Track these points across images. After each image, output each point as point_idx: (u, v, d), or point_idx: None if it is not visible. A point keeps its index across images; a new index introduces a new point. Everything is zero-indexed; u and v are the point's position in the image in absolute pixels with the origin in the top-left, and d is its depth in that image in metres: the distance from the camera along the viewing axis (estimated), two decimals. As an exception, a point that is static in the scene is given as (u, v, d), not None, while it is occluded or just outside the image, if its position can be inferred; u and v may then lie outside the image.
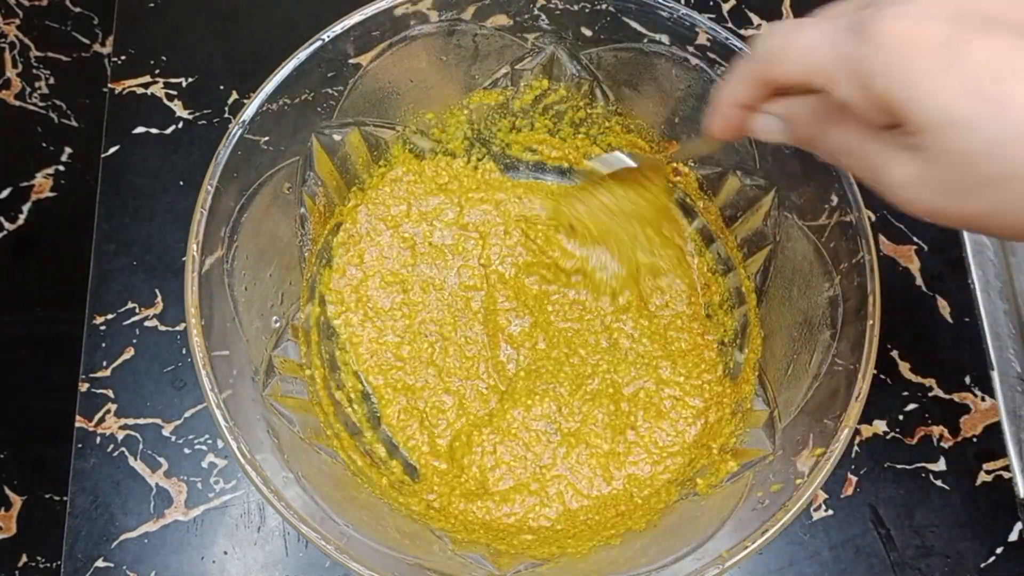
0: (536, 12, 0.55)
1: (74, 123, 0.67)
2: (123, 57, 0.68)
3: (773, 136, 0.38)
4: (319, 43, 0.51)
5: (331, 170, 0.58)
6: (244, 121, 0.49)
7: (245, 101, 0.50)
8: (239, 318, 0.50)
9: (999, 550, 0.58)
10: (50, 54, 0.69)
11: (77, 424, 0.58)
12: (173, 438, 0.58)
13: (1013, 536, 0.59)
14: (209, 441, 0.58)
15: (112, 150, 0.66)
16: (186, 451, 0.58)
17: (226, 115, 0.67)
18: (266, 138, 0.51)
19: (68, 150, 0.66)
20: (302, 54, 0.51)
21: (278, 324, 0.54)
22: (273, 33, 0.70)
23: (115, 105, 0.67)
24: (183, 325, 0.60)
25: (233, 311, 0.49)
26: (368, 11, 0.52)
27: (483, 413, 0.59)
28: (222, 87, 0.68)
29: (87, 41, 0.70)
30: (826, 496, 0.59)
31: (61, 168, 0.65)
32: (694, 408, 0.58)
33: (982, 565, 0.58)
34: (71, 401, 0.59)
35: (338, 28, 0.52)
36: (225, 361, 0.46)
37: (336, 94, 0.54)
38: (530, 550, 0.51)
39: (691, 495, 0.53)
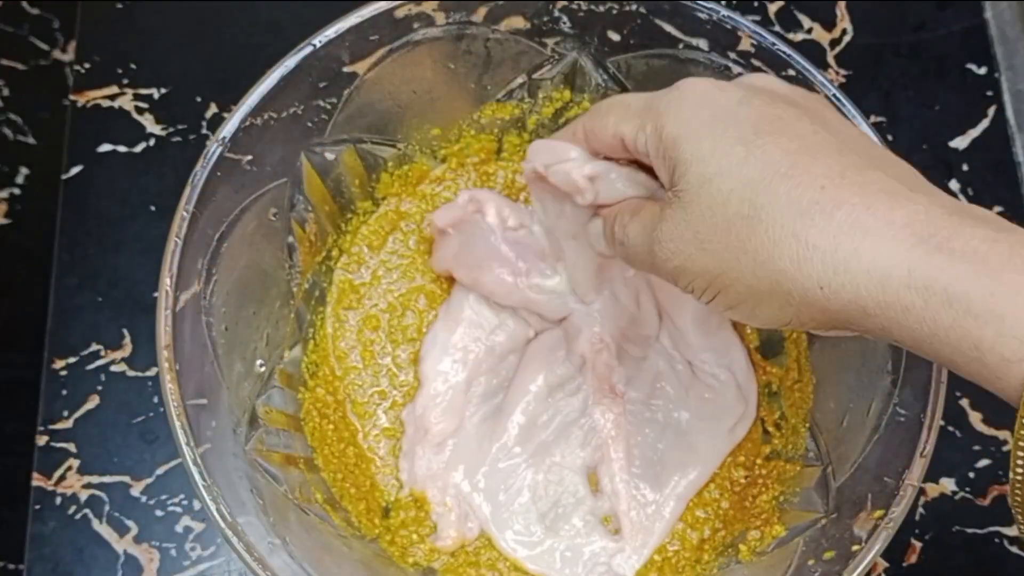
0: (557, 14, 0.54)
1: (31, 140, 0.67)
2: (87, 65, 0.68)
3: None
4: (309, 49, 0.51)
5: (323, 193, 0.56)
6: (224, 138, 0.48)
7: (225, 115, 0.53)
8: (218, 362, 0.49)
9: (1081, 623, 0.59)
10: (4, 62, 0.68)
11: (35, 483, 0.58)
12: (143, 499, 0.58)
13: (1097, 607, 0.59)
14: (184, 502, 0.58)
15: (74, 171, 0.65)
16: (158, 513, 0.58)
17: (204, 131, 0.67)
18: (249, 157, 0.50)
19: (24, 171, 0.66)
20: (290, 62, 0.50)
21: (263, 368, 0.53)
22: (257, 38, 0.69)
23: (78, 120, 0.67)
24: (154, 370, 0.60)
25: (212, 354, 0.48)
26: (365, 13, 0.51)
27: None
28: (199, 99, 0.68)
29: (46, 47, 0.69)
30: (887, 565, 0.59)
31: (16, 191, 0.65)
32: None
33: (1062, 640, 0.59)
34: (27, 456, 0.59)
35: (331, 32, 0.51)
36: (203, 411, 0.46)
37: (329, 107, 0.54)
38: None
39: (732, 563, 0.52)
